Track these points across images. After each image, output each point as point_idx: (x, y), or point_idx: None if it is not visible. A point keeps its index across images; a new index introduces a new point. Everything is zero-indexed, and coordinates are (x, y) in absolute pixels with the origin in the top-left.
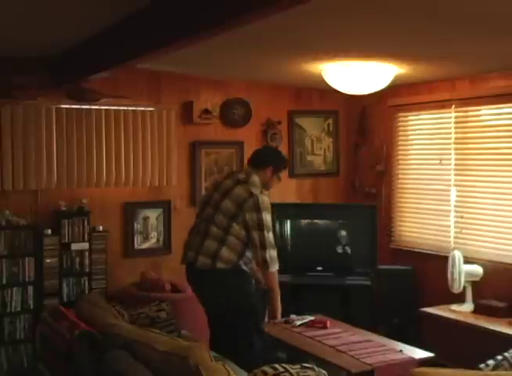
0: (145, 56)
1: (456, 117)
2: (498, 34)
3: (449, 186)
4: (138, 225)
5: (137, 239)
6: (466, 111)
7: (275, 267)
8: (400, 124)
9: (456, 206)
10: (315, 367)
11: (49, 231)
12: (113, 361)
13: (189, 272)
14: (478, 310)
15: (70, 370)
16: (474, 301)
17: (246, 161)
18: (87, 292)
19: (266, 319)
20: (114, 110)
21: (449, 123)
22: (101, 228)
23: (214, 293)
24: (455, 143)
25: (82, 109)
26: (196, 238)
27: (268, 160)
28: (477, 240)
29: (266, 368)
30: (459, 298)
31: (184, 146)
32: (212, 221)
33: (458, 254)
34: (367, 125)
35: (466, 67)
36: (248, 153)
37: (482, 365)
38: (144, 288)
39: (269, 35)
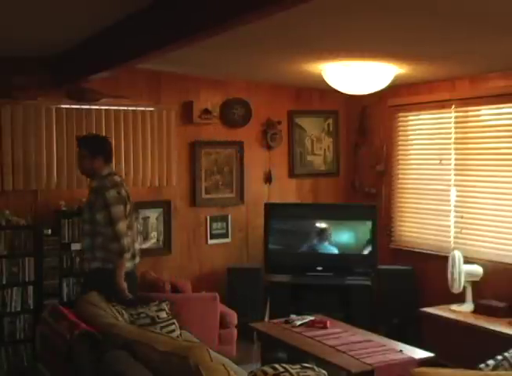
0: (146, 55)
1: (456, 117)
2: (500, 32)
3: (449, 186)
4: (138, 226)
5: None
6: (466, 111)
7: None
8: (400, 124)
9: (456, 206)
10: (315, 367)
11: (49, 231)
12: (113, 361)
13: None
14: (478, 310)
15: (70, 370)
16: (474, 301)
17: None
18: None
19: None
20: (114, 110)
21: (449, 123)
22: None
23: None
24: (455, 143)
25: (82, 109)
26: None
27: None
28: (477, 240)
29: (266, 368)
30: (459, 298)
31: (184, 146)
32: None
33: (458, 254)
34: (367, 125)
35: (468, 67)
36: (248, 153)
37: (482, 365)
38: (144, 288)
39: (271, 33)
